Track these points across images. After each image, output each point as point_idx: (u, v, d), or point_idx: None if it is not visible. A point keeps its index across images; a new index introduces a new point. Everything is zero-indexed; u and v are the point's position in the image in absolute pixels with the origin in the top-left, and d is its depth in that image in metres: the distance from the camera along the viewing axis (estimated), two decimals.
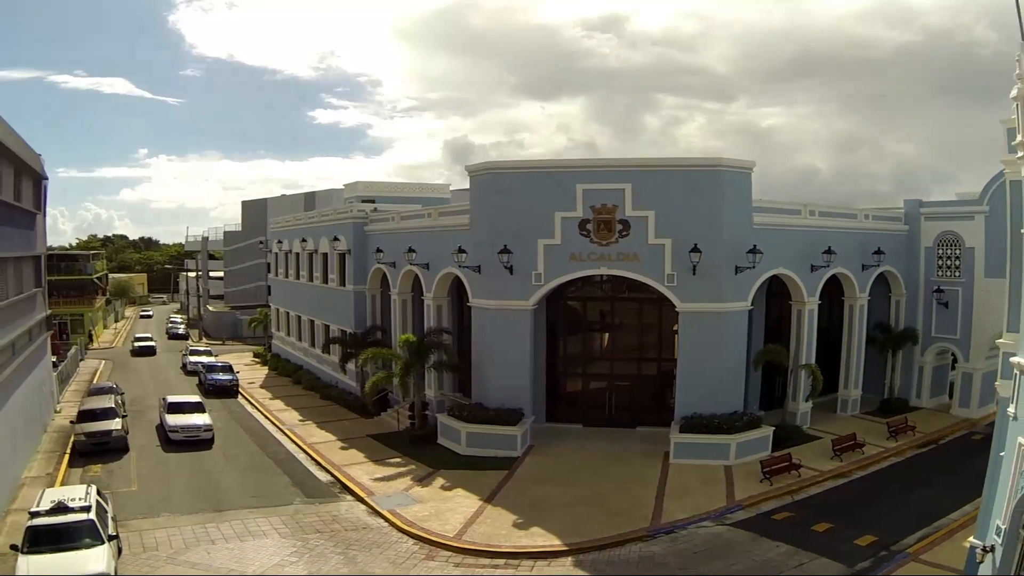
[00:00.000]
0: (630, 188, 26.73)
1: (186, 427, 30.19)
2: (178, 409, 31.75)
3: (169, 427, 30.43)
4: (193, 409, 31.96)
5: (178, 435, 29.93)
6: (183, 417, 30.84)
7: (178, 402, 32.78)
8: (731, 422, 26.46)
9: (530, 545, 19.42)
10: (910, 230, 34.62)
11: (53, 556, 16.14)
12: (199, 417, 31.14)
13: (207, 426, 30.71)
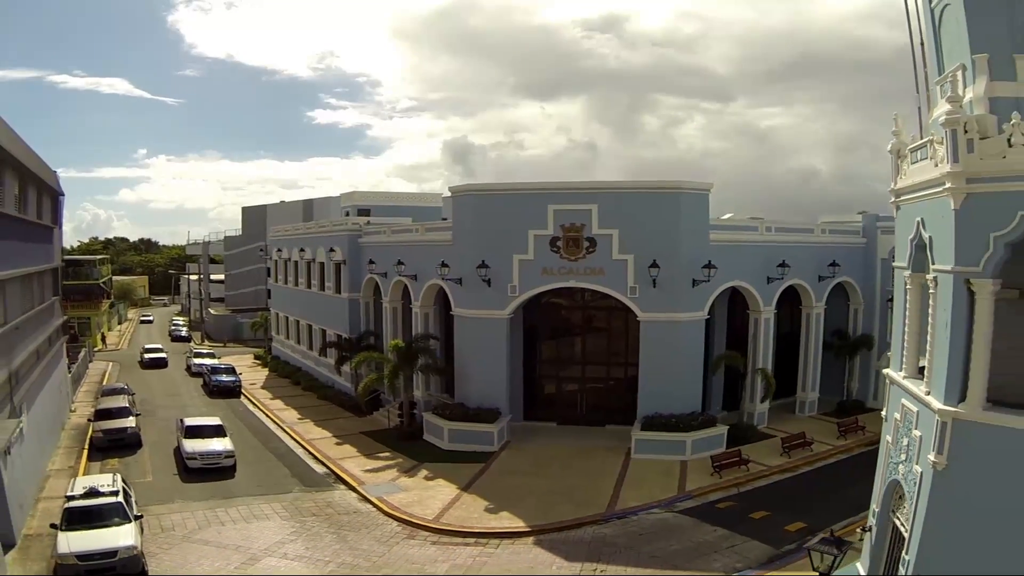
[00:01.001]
0: (596, 208, 29.66)
1: (205, 454, 28.17)
2: (196, 433, 29.48)
3: (187, 453, 28.33)
4: (213, 433, 29.74)
5: (196, 462, 27.93)
6: (201, 443, 28.71)
7: (196, 425, 30.29)
8: (688, 421, 29.30)
9: (498, 527, 22.36)
10: (867, 243, 37.43)
11: (88, 532, 19.02)
12: (219, 442, 29.00)
13: (228, 452, 28.60)
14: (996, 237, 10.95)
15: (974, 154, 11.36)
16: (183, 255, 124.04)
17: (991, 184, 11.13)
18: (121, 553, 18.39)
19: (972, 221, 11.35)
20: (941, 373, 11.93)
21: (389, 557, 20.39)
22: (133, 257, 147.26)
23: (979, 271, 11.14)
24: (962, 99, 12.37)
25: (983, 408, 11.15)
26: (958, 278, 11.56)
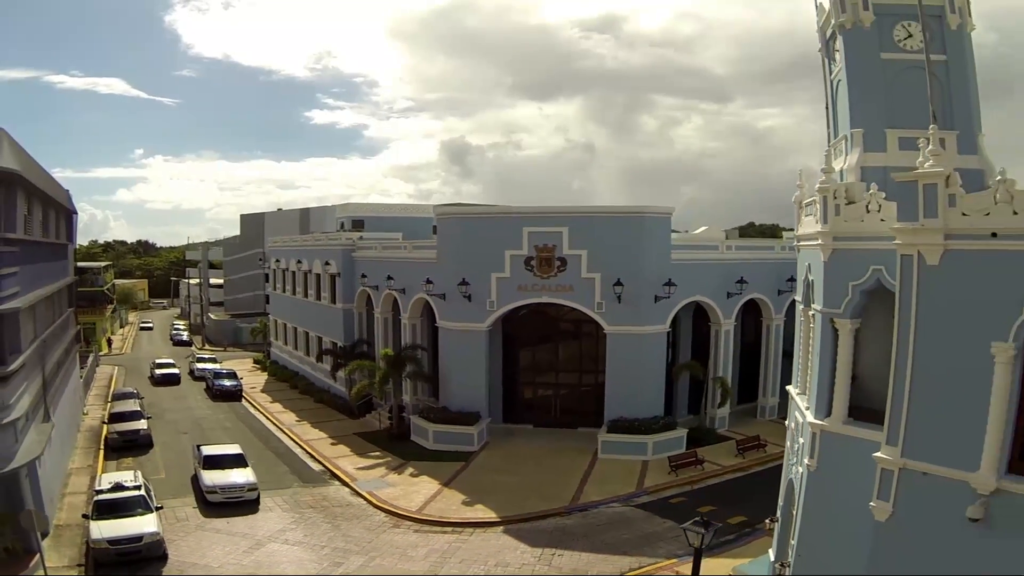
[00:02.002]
0: (567, 231, 32.70)
1: (226, 487, 26.57)
2: (215, 464, 27.92)
3: (206, 487, 26.68)
4: (233, 463, 28.15)
5: (216, 496, 26.34)
6: (221, 474, 27.20)
7: (215, 455, 28.59)
8: (649, 425, 32.34)
9: (472, 517, 25.41)
10: None
11: (116, 521, 22.01)
12: (239, 474, 27.46)
13: (251, 485, 26.96)
14: (854, 285, 13.94)
15: (840, 216, 14.39)
16: (181, 258, 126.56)
17: (851, 242, 14.13)
18: (146, 538, 21.42)
19: (836, 272, 14.39)
20: (814, 392, 14.99)
21: (376, 543, 23.45)
22: (132, 261, 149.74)
23: (840, 312, 14.16)
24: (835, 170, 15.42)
25: (843, 422, 14.17)
26: (825, 317, 14.61)
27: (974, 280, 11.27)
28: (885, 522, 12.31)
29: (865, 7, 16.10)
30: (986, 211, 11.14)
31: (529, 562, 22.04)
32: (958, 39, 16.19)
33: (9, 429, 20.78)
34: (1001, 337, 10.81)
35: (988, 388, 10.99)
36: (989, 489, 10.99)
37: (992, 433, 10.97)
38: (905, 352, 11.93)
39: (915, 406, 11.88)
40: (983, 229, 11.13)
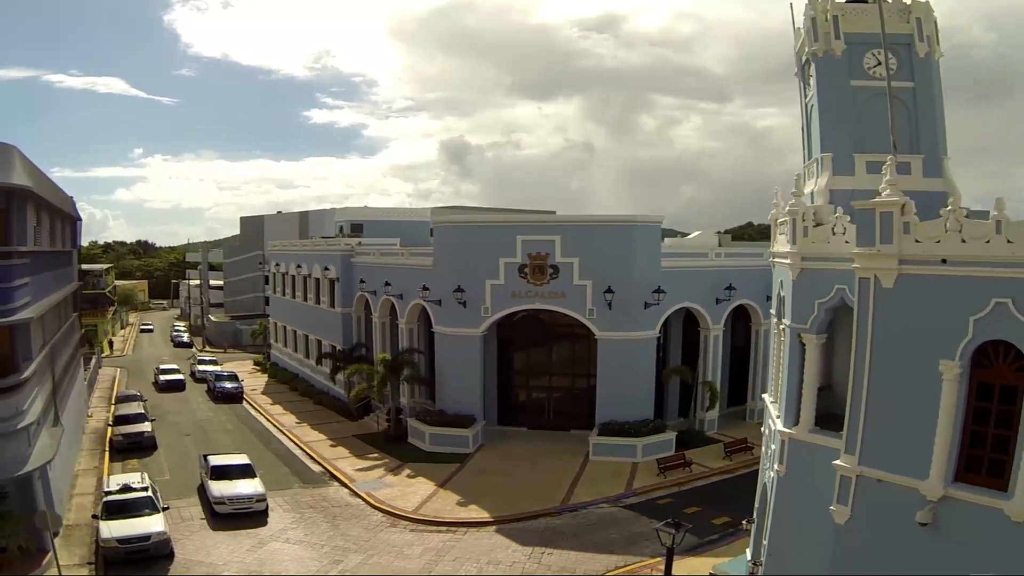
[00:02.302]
0: (559, 239, 33.66)
1: (234, 498, 26.46)
2: (223, 474, 27.74)
3: (214, 498, 26.53)
4: (240, 474, 27.99)
5: (225, 507, 26.22)
6: (229, 485, 27.01)
7: (222, 465, 28.39)
8: (639, 428, 33.32)
9: (466, 517, 26.38)
10: None
11: (125, 520, 22.94)
12: (247, 484, 27.27)
13: (259, 496, 26.82)
14: (819, 303, 14.90)
15: (807, 238, 15.36)
16: (181, 259, 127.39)
17: (818, 262, 15.08)
18: (154, 537, 22.37)
19: (803, 290, 15.36)
20: (783, 402, 15.97)
21: (373, 542, 24.42)
22: (132, 261, 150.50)
23: (807, 328, 15.12)
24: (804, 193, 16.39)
25: (810, 430, 15.14)
26: (794, 332, 15.58)
27: (925, 302, 12.24)
28: (844, 525, 13.29)
29: (837, 36, 17.09)
30: (937, 239, 12.11)
31: (520, 560, 23.01)
32: (926, 66, 17.18)
33: (23, 434, 21.67)
34: (949, 356, 11.77)
35: (937, 403, 11.96)
36: (937, 496, 11.96)
37: (940, 444, 11.94)
38: (862, 367, 12.91)
39: (871, 417, 12.86)
40: (934, 256, 12.10)
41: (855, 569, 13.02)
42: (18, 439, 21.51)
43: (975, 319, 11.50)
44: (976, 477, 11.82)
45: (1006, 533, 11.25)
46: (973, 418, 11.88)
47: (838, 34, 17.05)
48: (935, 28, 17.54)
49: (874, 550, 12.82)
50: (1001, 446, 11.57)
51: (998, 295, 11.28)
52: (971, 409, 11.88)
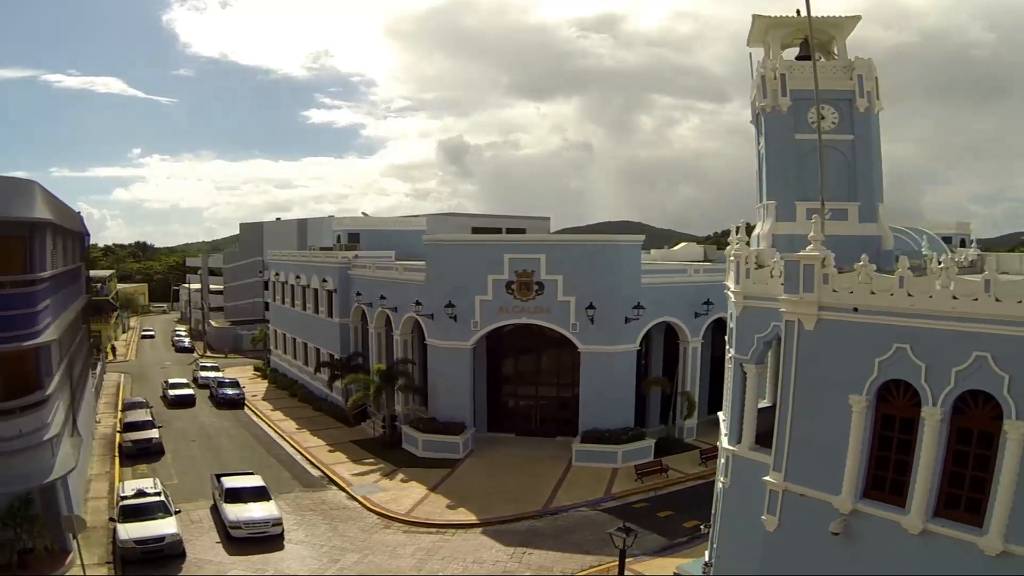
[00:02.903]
0: (544, 258, 35.73)
1: (250, 523, 26.42)
2: (237, 496, 27.70)
3: (229, 522, 26.47)
4: (253, 496, 27.93)
5: (241, 532, 26.22)
6: (245, 509, 26.98)
7: (237, 488, 28.26)
8: (619, 435, 35.38)
9: (455, 519, 28.51)
10: None
11: (140, 523, 25.06)
12: (264, 508, 27.24)
13: (275, 520, 26.71)
14: (758, 337, 16.93)
15: (749, 279, 17.42)
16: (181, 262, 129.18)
17: (758, 301, 17.09)
18: (168, 539, 24.52)
19: (745, 324, 17.41)
20: (729, 421, 18.06)
21: (369, 542, 26.57)
22: (132, 264, 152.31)
23: (747, 359, 17.19)
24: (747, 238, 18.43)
25: (750, 448, 17.21)
26: (737, 361, 17.66)
27: (840, 344, 14.32)
28: (773, 533, 15.37)
29: (783, 93, 19.10)
30: (851, 290, 14.17)
31: (502, 559, 25.14)
32: (865, 120, 19.20)
33: (47, 445, 23.67)
34: (858, 391, 13.84)
35: (848, 430, 14.03)
36: (847, 510, 14.03)
37: (850, 466, 14.02)
38: (787, 396, 14.99)
39: (794, 440, 14.95)
40: (848, 304, 14.16)
41: (781, 571, 15.11)
42: (43, 450, 23.50)
43: (880, 360, 13.55)
44: (880, 494, 13.88)
45: (904, 543, 13.32)
46: (878, 444, 13.95)
47: (785, 91, 19.01)
48: (876, 84, 19.51)
49: (796, 555, 14.90)
50: (901, 469, 13.64)
51: (899, 341, 13.33)
52: (876, 437, 13.94)
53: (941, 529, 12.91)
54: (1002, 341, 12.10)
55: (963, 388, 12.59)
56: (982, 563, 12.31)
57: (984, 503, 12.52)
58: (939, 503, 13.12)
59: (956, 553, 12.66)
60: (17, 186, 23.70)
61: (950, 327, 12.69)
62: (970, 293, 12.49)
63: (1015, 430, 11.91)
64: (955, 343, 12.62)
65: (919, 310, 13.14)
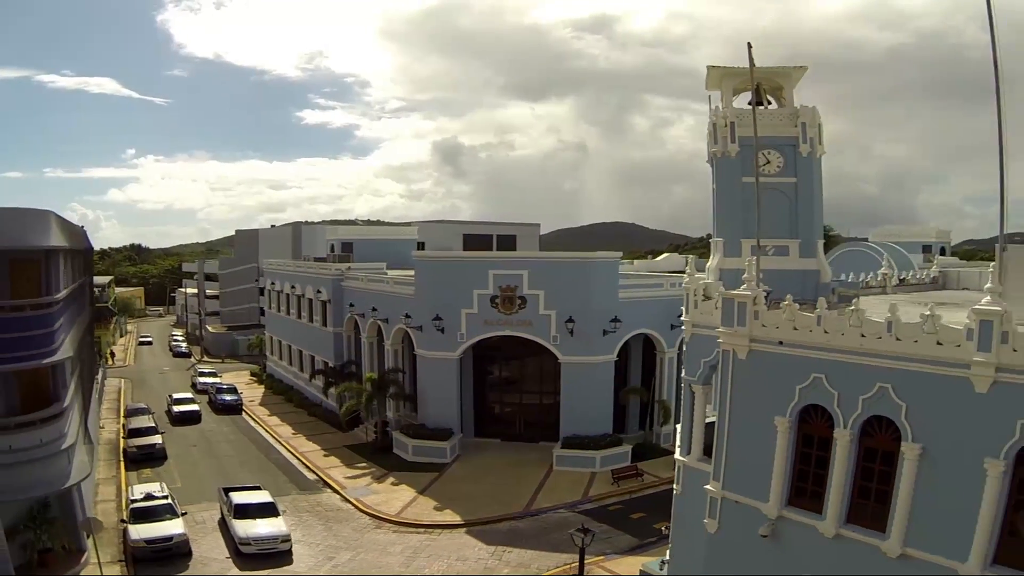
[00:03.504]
0: (527, 274, 37.94)
1: (259, 539, 26.99)
2: (245, 512, 28.18)
3: (239, 539, 27.00)
4: (261, 512, 28.40)
5: (250, 548, 26.81)
6: (253, 524, 27.54)
7: (246, 504, 28.73)
8: (598, 441, 37.60)
9: (441, 520, 30.70)
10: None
11: (149, 524, 27.16)
12: (272, 524, 27.77)
13: (284, 536, 27.25)
14: (704, 361, 19.14)
15: (697, 309, 19.64)
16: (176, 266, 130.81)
17: (704, 329, 19.32)
18: (175, 538, 26.65)
19: (693, 350, 19.64)
20: (681, 434, 20.30)
21: (361, 541, 28.74)
22: (128, 268, 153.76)
23: (695, 380, 19.42)
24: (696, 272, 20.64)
25: (698, 459, 19.45)
26: (687, 381, 19.89)
27: (767, 372, 16.54)
28: (713, 534, 17.62)
29: (732, 140, 21.30)
30: (777, 325, 16.40)
31: (484, 557, 27.35)
32: (807, 164, 21.38)
33: (64, 454, 25.74)
34: (782, 414, 16.07)
35: (774, 446, 16.27)
36: (774, 516, 16.26)
37: (776, 477, 16.25)
38: (724, 416, 17.22)
39: (730, 454, 17.19)
40: (774, 338, 16.39)
41: (720, 569, 17.36)
42: (61, 458, 25.56)
43: (800, 387, 15.77)
44: (801, 503, 16.11)
45: (821, 545, 15.55)
46: (799, 460, 16.18)
47: (733, 138, 21.21)
48: (819, 131, 21.67)
49: (733, 555, 17.13)
50: (818, 482, 15.86)
51: (816, 371, 15.55)
52: (798, 453, 16.18)
53: (851, 534, 15.16)
54: (901, 375, 14.32)
55: (869, 413, 14.83)
56: (885, 564, 14.54)
57: (887, 512, 14.75)
58: (850, 511, 15.37)
59: (863, 555, 14.90)
60: (34, 217, 25.82)
61: (858, 361, 14.91)
62: (875, 332, 14.72)
63: (911, 451, 14.12)
64: (862, 375, 14.85)
65: (833, 345, 15.37)
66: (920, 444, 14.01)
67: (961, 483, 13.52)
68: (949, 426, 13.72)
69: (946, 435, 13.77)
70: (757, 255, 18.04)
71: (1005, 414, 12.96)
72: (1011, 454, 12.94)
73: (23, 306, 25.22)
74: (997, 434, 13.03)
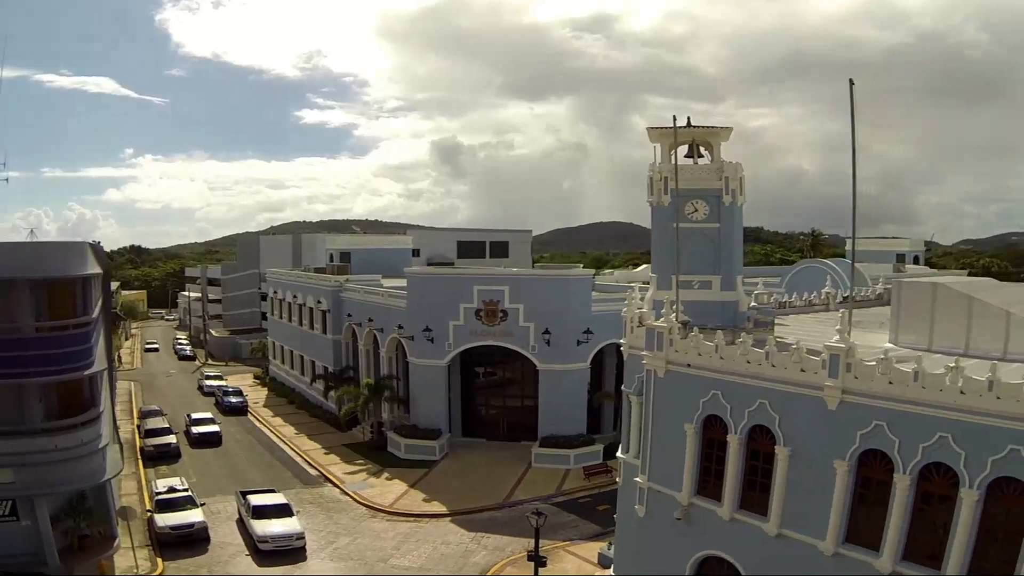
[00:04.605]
0: (508, 289, 42.15)
1: (277, 537, 30.01)
2: (263, 513, 31.11)
3: (258, 537, 30.05)
4: (279, 512, 31.39)
5: (268, 545, 29.81)
6: (270, 524, 30.53)
7: (263, 505, 31.72)
8: (572, 441, 41.78)
9: (429, 510, 34.95)
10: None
11: (173, 513, 31.41)
12: (288, 523, 30.80)
13: (299, 534, 30.34)
14: (638, 376, 23.18)
15: (633, 334, 23.74)
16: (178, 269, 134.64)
17: (637, 351, 23.37)
18: (196, 526, 30.91)
19: (631, 367, 23.75)
20: (623, 437, 24.47)
21: (358, 528, 33.00)
22: (131, 272, 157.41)
23: (632, 392, 23.53)
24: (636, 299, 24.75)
25: (634, 456, 23.56)
26: (625, 393, 24.05)
27: (679, 388, 20.69)
28: (642, 518, 21.82)
29: (665, 192, 25.28)
30: (686, 351, 20.54)
31: (464, 542, 31.58)
32: (730, 212, 25.28)
33: (100, 453, 29.83)
34: (690, 421, 20.23)
35: (684, 447, 20.43)
36: (686, 502, 20.43)
37: (687, 471, 20.39)
38: (648, 422, 21.40)
39: (653, 452, 21.36)
40: (685, 361, 20.55)
41: (648, 546, 21.56)
42: (98, 456, 29.62)
43: (703, 401, 19.90)
44: (706, 491, 20.28)
45: (720, 526, 19.71)
46: (704, 458, 20.35)
47: (667, 190, 25.19)
48: (740, 183, 25.63)
49: (656, 534, 21.32)
50: (719, 476, 20.02)
51: (715, 389, 19.68)
52: (703, 452, 20.34)
53: (742, 517, 19.29)
54: (776, 393, 18.45)
55: (753, 423, 18.97)
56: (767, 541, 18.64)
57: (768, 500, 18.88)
58: (742, 499, 19.53)
59: (752, 533, 19.01)
60: (73, 249, 30.13)
61: (743, 381, 19.07)
62: (756, 359, 18.87)
63: (782, 453, 18.21)
64: (748, 392, 18.99)
65: (726, 368, 19.53)
66: (789, 448, 18.18)
67: (819, 479, 17.65)
68: (810, 434, 17.89)
69: (808, 441, 17.94)
70: (676, 292, 22.20)
71: (849, 427, 17.08)
72: (854, 457, 17.08)
73: (66, 325, 29.29)
74: (844, 442, 17.14)
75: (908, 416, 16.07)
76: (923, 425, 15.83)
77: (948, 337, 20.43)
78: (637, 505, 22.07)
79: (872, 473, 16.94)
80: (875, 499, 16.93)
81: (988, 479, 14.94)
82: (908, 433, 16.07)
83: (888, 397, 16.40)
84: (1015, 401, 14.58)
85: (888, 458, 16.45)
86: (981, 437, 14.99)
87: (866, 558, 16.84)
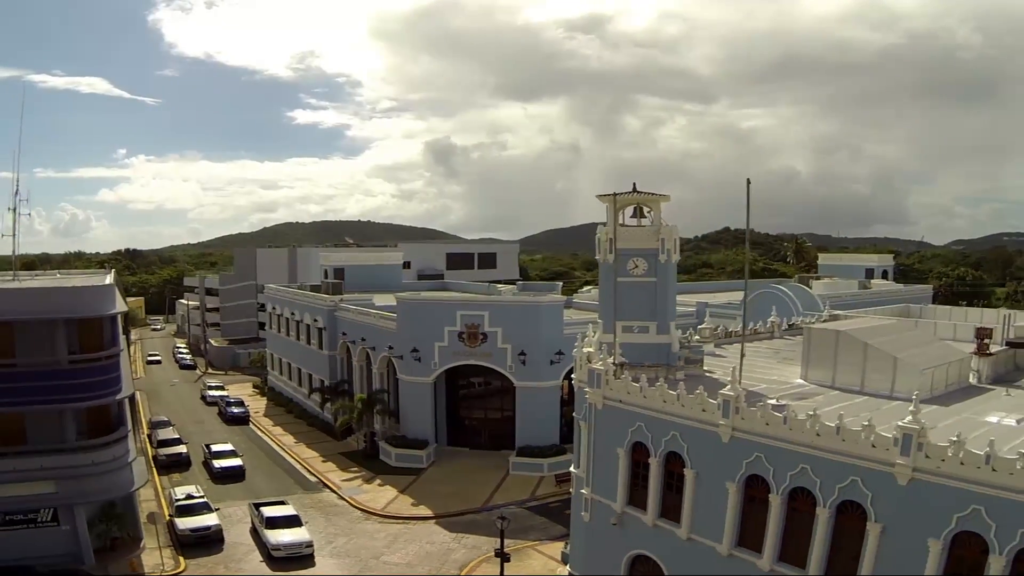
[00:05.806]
0: (488, 314, 46.89)
1: (288, 545, 33.68)
2: (275, 524, 34.91)
3: (271, 545, 33.71)
4: (289, 523, 35.26)
5: (280, 553, 33.45)
6: (280, 533, 34.27)
7: (275, 516, 35.56)
8: (546, 450, 46.52)
9: (416, 513, 39.71)
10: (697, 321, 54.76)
11: (192, 517, 36.10)
12: (298, 533, 34.61)
13: (307, 543, 34.15)
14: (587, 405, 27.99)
15: (582, 370, 28.49)
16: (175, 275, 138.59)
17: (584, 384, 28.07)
18: (212, 528, 35.64)
19: (580, 398, 28.40)
20: (574, 455, 29.30)
21: (354, 529, 37.77)
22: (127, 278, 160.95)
23: (581, 418, 28.24)
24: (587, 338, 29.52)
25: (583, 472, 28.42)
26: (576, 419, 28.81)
27: (613, 418, 25.50)
28: (587, 523, 26.68)
29: (610, 251, 29.78)
30: (619, 390, 25.36)
31: (447, 541, 36.40)
32: (665, 268, 29.50)
33: (129, 466, 34.43)
34: (621, 446, 25.06)
35: (618, 466, 25.24)
36: (620, 510, 25.28)
37: (620, 486, 25.25)
38: (590, 445, 26.25)
39: (595, 469, 26.21)
40: (617, 397, 25.36)
41: (592, 546, 26.41)
42: (127, 469, 34.19)
43: (631, 430, 24.73)
44: (636, 501, 25.13)
45: (646, 531, 24.57)
46: (633, 475, 25.18)
47: (612, 250, 29.68)
48: (675, 243, 29.90)
49: (599, 536, 26.18)
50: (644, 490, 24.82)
51: (640, 421, 24.49)
52: (632, 471, 25.16)
53: (663, 523, 24.19)
54: (683, 427, 23.28)
55: (668, 450, 23.80)
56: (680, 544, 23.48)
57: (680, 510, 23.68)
58: (662, 509, 24.36)
59: (669, 537, 23.90)
60: (102, 291, 34.57)
61: (661, 416, 23.90)
62: (671, 399, 23.70)
63: (689, 474, 23.05)
64: (664, 425, 23.84)
65: (648, 405, 24.37)
66: (695, 470, 23.05)
67: (717, 495, 22.47)
68: (709, 461, 22.73)
69: (708, 466, 22.79)
70: (615, 337, 27.00)
71: (738, 456, 21.89)
72: (741, 480, 21.88)
73: (99, 357, 33.84)
74: (733, 468, 21.96)
75: (780, 450, 20.86)
76: (790, 458, 20.61)
77: (848, 376, 25.77)
78: (583, 512, 26.93)
79: (755, 493, 21.76)
80: (758, 513, 21.72)
81: (836, 501, 19.71)
82: (780, 463, 20.87)
83: (765, 435, 21.20)
84: (855, 443, 19.28)
85: (766, 482, 21.25)
86: (832, 469, 19.69)
87: (752, 559, 21.67)
